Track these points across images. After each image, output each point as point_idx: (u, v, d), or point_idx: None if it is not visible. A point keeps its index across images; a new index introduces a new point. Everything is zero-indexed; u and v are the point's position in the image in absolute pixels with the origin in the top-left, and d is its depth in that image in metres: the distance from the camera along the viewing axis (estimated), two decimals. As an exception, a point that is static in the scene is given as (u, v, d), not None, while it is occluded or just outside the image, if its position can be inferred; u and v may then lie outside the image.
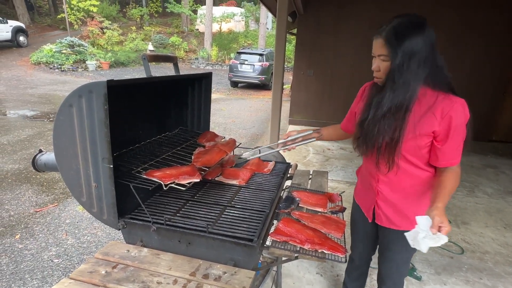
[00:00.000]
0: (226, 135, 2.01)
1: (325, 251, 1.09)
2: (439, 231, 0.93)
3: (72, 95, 0.98)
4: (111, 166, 1.01)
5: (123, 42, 16.93)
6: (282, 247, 1.12)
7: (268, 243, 1.17)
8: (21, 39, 14.71)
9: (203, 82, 1.73)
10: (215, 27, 19.41)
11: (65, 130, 1.02)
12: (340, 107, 6.08)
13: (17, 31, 14.38)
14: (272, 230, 1.22)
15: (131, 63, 15.07)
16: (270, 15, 16.80)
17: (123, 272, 1.00)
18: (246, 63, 11.66)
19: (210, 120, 1.84)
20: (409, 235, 0.99)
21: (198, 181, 1.20)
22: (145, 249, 1.12)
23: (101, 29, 16.39)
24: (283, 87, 5.88)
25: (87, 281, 0.96)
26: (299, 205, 1.42)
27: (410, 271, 2.18)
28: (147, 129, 1.57)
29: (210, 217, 1.24)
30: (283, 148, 1.44)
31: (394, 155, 1.11)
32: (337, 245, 1.12)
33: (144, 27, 19.58)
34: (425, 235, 0.94)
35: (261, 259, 1.64)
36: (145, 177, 1.15)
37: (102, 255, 1.08)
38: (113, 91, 0.95)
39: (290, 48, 14.08)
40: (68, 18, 15.82)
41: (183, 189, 1.16)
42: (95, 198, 1.09)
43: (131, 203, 1.24)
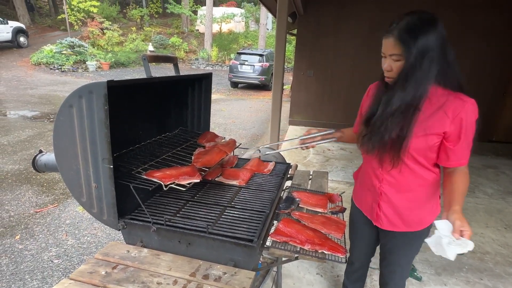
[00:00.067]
0: (226, 135, 2.01)
1: (325, 252, 1.09)
2: (461, 235, 0.90)
3: (72, 96, 0.98)
4: (111, 166, 1.01)
5: (123, 42, 16.95)
6: (282, 248, 1.12)
7: (268, 243, 1.17)
8: (22, 39, 14.73)
9: (203, 82, 1.73)
10: (215, 28, 19.43)
11: (65, 130, 1.02)
12: (340, 107, 6.08)
13: (17, 32, 14.40)
14: (272, 230, 1.22)
15: (131, 64, 15.08)
16: (270, 16, 16.82)
17: (123, 272, 1.00)
18: (246, 63, 11.66)
19: (210, 120, 1.84)
20: (430, 242, 0.94)
21: (198, 181, 1.21)
22: (145, 250, 1.12)
23: (101, 29, 16.40)
24: (283, 87, 5.89)
25: (87, 282, 0.96)
26: (299, 205, 1.42)
27: (410, 272, 2.18)
28: (147, 130, 1.57)
29: (210, 217, 1.24)
30: (301, 145, 1.38)
31: (399, 153, 1.09)
32: (337, 246, 1.12)
33: (144, 28, 19.60)
34: (448, 241, 0.90)
35: (261, 259, 1.63)
36: (145, 177, 1.15)
37: (102, 255, 1.08)
38: (113, 91, 0.95)
39: (290, 48, 14.09)
40: (68, 18, 15.84)
41: (183, 190, 1.16)
42: (95, 198, 1.09)
43: (131, 204, 1.24)
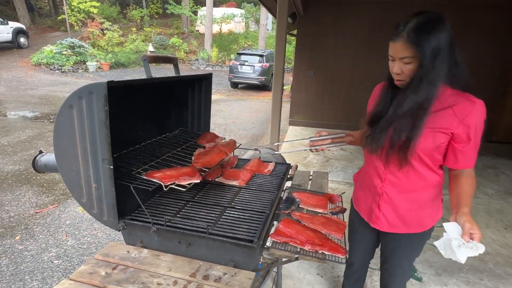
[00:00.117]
0: (226, 136, 2.01)
1: (325, 252, 1.09)
2: (471, 238, 0.89)
3: (72, 96, 0.98)
4: (111, 167, 1.01)
5: (124, 43, 16.95)
6: (282, 248, 1.12)
7: (268, 244, 1.16)
8: (22, 40, 14.75)
9: (203, 83, 1.73)
10: (215, 28, 19.44)
11: (66, 131, 1.02)
12: (340, 107, 6.09)
13: (17, 32, 14.42)
14: (272, 231, 1.22)
15: (131, 64, 15.09)
16: (270, 16, 16.82)
17: (123, 273, 1.00)
18: (246, 64, 11.67)
19: (210, 121, 1.84)
20: (439, 244, 0.93)
21: (198, 182, 1.21)
22: (145, 250, 1.12)
23: (102, 30, 16.41)
24: (283, 88, 5.89)
25: (87, 282, 0.96)
26: (299, 206, 1.42)
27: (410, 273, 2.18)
28: (147, 130, 1.57)
29: (210, 218, 1.24)
30: (311, 147, 1.34)
31: (407, 153, 1.08)
32: (338, 246, 1.12)
33: (144, 28, 19.61)
34: (459, 244, 0.89)
35: (261, 260, 1.63)
36: (145, 178, 1.15)
37: (102, 256, 1.08)
38: (113, 92, 0.95)
39: (290, 49, 14.09)
40: (68, 19, 15.86)
41: (183, 190, 1.16)
42: (95, 199, 1.09)
43: (131, 204, 1.24)
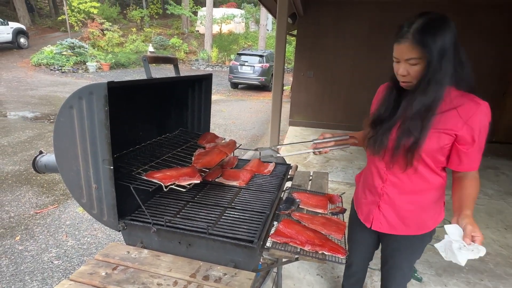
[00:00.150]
0: (226, 136, 2.01)
1: (325, 253, 1.08)
2: (472, 241, 0.89)
3: (72, 97, 0.98)
4: (112, 167, 1.01)
5: (124, 43, 16.96)
6: (282, 249, 1.12)
7: (268, 244, 1.16)
8: (22, 40, 14.76)
9: (203, 83, 1.73)
10: (215, 29, 19.46)
11: (66, 131, 1.02)
12: (340, 108, 6.09)
13: (17, 33, 14.43)
14: (272, 231, 1.22)
15: (131, 65, 15.10)
16: (270, 17, 16.84)
17: (123, 273, 1.00)
18: (246, 64, 11.68)
19: (210, 121, 1.84)
20: (440, 247, 0.93)
21: (198, 182, 1.21)
22: (145, 251, 1.12)
23: (102, 30, 16.42)
24: (283, 88, 5.89)
25: (87, 283, 0.96)
26: (300, 206, 1.42)
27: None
28: (147, 131, 1.57)
29: (210, 218, 1.24)
30: (314, 150, 1.32)
31: (413, 155, 1.07)
32: (338, 246, 1.12)
33: (144, 29, 19.63)
34: (459, 246, 0.88)
35: (262, 260, 1.63)
36: (145, 178, 1.15)
37: (102, 256, 1.08)
38: (114, 92, 0.95)
39: (290, 49, 14.10)
40: (68, 19, 15.86)
41: (183, 191, 1.16)
42: (95, 199, 1.09)
43: (131, 205, 1.24)
